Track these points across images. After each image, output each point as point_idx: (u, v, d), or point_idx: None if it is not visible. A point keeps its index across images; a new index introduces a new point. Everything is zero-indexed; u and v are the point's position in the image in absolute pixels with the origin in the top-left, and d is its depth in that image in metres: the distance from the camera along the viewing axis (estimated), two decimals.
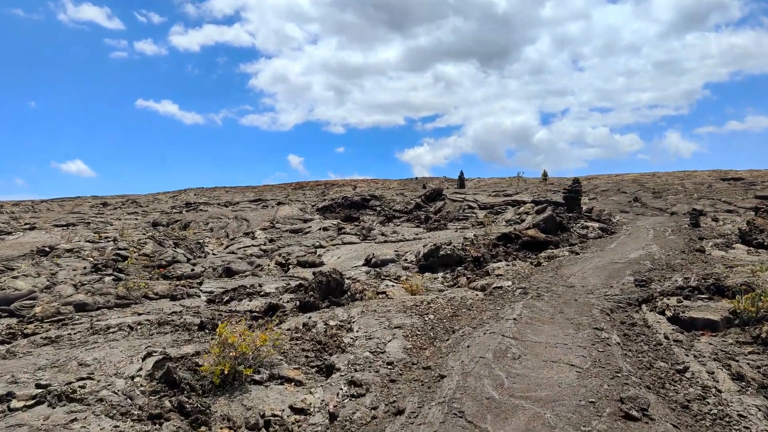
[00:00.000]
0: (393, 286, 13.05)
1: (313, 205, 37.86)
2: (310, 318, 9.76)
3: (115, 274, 14.08)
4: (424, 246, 16.55)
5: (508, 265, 14.90)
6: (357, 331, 8.45)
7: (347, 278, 14.66)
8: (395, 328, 8.36)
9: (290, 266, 16.64)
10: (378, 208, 34.15)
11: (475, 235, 19.82)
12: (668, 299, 9.38)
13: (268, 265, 16.95)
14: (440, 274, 15.39)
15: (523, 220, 26.93)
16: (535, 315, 8.49)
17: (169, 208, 49.07)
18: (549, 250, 16.84)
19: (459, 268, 15.58)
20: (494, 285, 11.39)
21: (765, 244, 14.81)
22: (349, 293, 12.79)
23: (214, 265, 17.04)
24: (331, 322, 9.30)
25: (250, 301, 12.56)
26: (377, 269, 15.66)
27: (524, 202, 29.11)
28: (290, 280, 14.51)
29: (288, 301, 12.52)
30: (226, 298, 12.53)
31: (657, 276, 11.71)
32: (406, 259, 16.58)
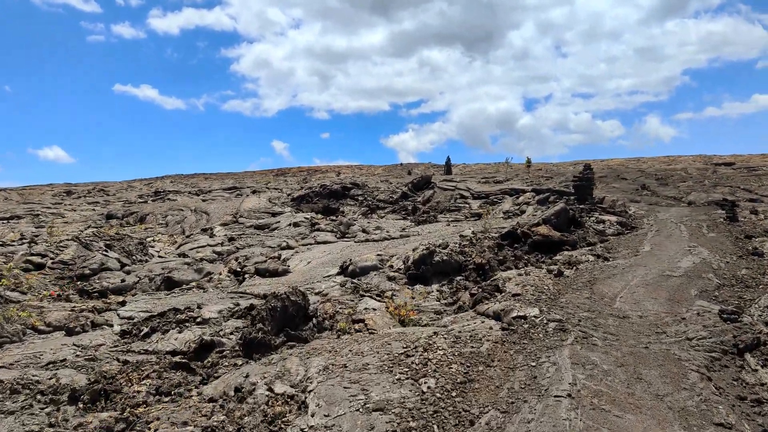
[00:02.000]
0: (374, 310, 9.80)
1: (289, 194, 34.40)
2: (247, 377, 6.47)
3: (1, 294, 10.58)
4: (414, 250, 13.31)
5: (521, 275, 11.75)
6: (313, 415, 5.20)
7: (316, 293, 11.40)
8: (375, 411, 5.13)
9: (246, 275, 13.29)
10: (360, 198, 30.83)
11: (473, 233, 16.65)
12: None
13: (220, 274, 13.58)
14: (435, 287, 12.19)
15: (523, 211, 23.86)
16: (598, 384, 5.32)
17: (136, 197, 45.21)
18: (565, 252, 13.75)
19: (458, 277, 12.39)
20: (514, 313, 8.19)
21: None
22: (315, 320, 9.53)
23: (152, 274, 13.62)
24: (278, 388, 6.04)
25: (180, 332, 9.24)
26: (355, 280, 12.39)
27: (522, 191, 26.02)
28: (240, 297, 11.18)
29: (231, 333, 9.25)
30: (146, 330, 9.17)
31: (729, 295, 8.66)
32: (391, 266, 13.33)
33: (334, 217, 22.89)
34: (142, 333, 9.10)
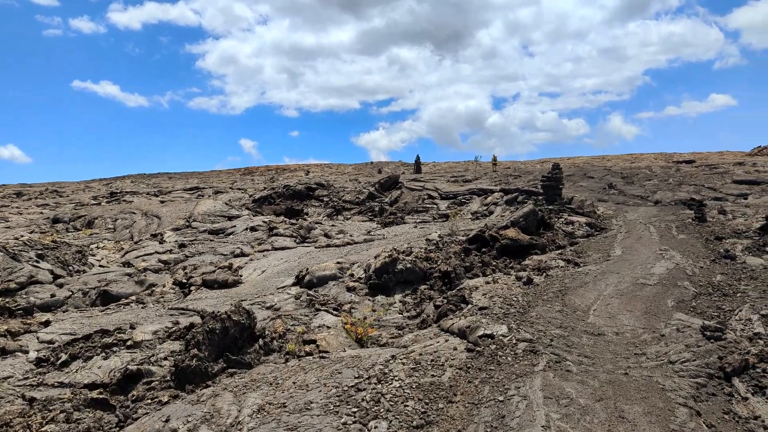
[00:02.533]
0: (328, 328, 8.89)
1: (251, 195, 33.09)
2: (167, 422, 5.48)
3: None
4: (376, 257, 12.44)
5: (488, 283, 11.03)
6: None
7: (267, 307, 10.43)
8: None
9: (192, 287, 12.18)
10: (325, 199, 29.82)
11: (440, 236, 15.90)
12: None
13: (164, 286, 12.43)
14: (398, 297, 11.36)
15: (491, 212, 23.33)
16: (575, 427, 4.55)
17: (89, 199, 43.08)
18: (535, 256, 13.14)
19: (423, 286, 11.60)
20: (480, 331, 7.42)
21: None
22: (261, 341, 8.56)
23: (87, 287, 12.37)
24: None
25: (105, 359, 8.16)
26: (312, 291, 11.45)
27: (491, 191, 25.49)
28: (182, 314, 10.12)
29: (166, 358, 8.21)
30: (64, 357, 8.04)
31: (708, 305, 8.10)
32: (352, 275, 12.43)
33: (295, 221, 21.83)
34: (60, 361, 7.96)
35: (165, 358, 8.18)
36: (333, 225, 23.12)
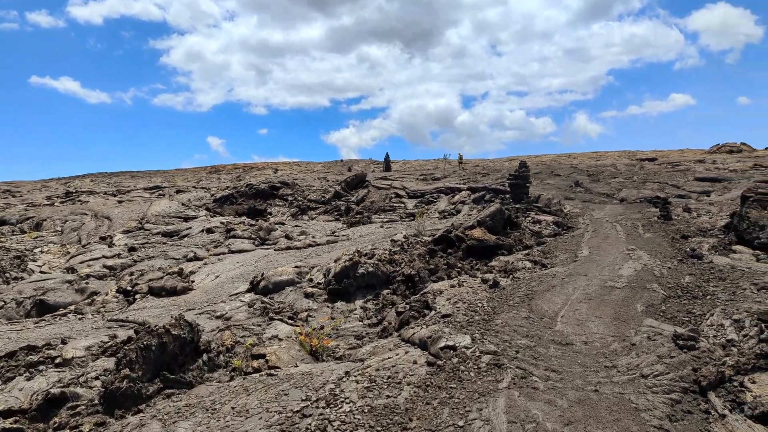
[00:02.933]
0: (280, 341, 8.23)
1: (212, 195, 31.96)
2: None
3: None
4: (336, 261, 11.81)
5: (453, 287, 10.56)
6: None
7: (217, 316, 9.70)
8: None
9: (138, 295, 11.31)
10: (290, 198, 28.99)
11: (405, 237, 15.37)
12: (749, 377, 5.36)
13: (106, 294, 11.52)
14: (359, 303, 10.77)
15: (458, 211, 22.96)
16: None
17: (43, 199, 41.01)
18: (501, 257, 12.76)
19: (385, 291, 11.04)
20: (442, 342, 6.89)
21: None
22: (206, 356, 7.86)
23: (22, 296, 11.36)
24: None
25: (29, 379, 7.33)
26: (267, 298, 10.75)
27: (458, 189, 25.14)
28: (121, 327, 9.29)
29: (97, 378, 7.44)
30: None
31: (678, 309, 7.78)
32: (311, 280, 11.77)
33: (255, 221, 20.95)
34: None
35: (96, 378, 7.40)
36: (297, 225, 22.36)
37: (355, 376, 6.19)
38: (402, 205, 24.96)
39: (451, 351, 6.70)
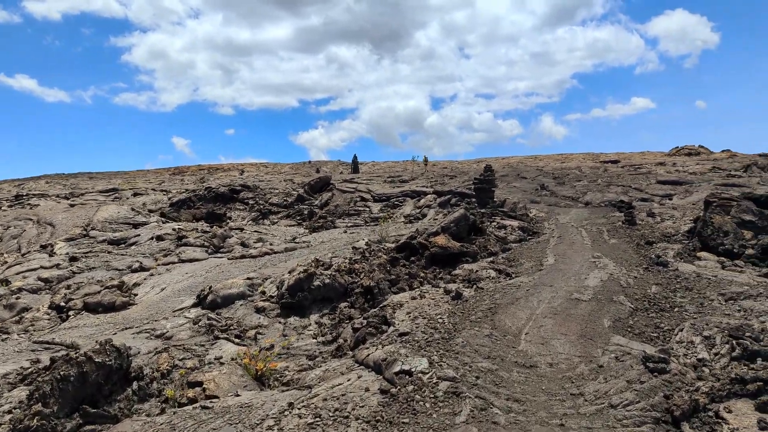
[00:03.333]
0: (221, 365, 7.48)
1: (170, 198, 30.68)
2: None
3: None
4: (291, 272, 11.09)
5: (415, 299, 10.00)
6: None
7: (157, 335, 8.87)
8: None
9: (72, 311, 10.34)
10: (251, 202, 28.01)
11: (368, 244, 14.75)
12: (724, 405, 4.94)
13: (38, 311, 10.51)
14: (314, 317, 10.09)
15: (424, 215, 22.50)
16: None
17: None
18: (465, 265, 12.29)
19: (343, 304, 10.40)
20: (398, 366, 6.30)
21: (736, 251, 11.36)
22: (137, 384, 7.05)
23: None
24: None
25: None
26: (214, 314, 9.96)
27: (424, 193, 24.69)
28: (47, 349, 8.36)
29: (10, 412, 6.56)
30: None
31: (645, 324, 7.41)
32: (263, 292, 11.03)
33: (210, 227, 19.97)
34: None
35: (9, 412, 6.51)
36: (256, 231, 21.48)
37: (299, 409, 5.54)
38: (367, 209, 24.35)
39: (407, 376, 6.11)
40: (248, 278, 11.43)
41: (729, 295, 8.45)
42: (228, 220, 26.48)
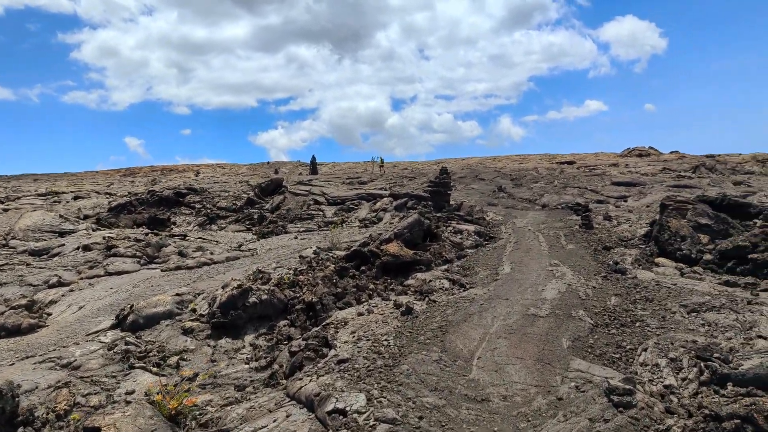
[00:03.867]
0: (127, 404, 6.40)
1: (110, 202, 28.80)
2: None
3: None
4: (224, 287, 10.03)
5: (361, 314, 9.17)
6: None
7: (63, 365, 7.71)
8: None
9: None
10: (198, 206, 26.53)
11: (316, 252, 13.80)
12: None
13: None
14: (249, 339, 9.09)
15: (380, 219, 21.70)
16: None
17: None
18: (419, 274, 11.56)
19: (282, 322, 9.43)
20: (331, 405, 5.44)
21: (693, 256, 11.04)
22: (23, 430, 5.91)
23: None
24: None
25: None
26: (134, 337, 8.80)
27: (380, 196, 23.89)
28: None
29: None
30: None
31: (606, 343, 6.80)
32: (194, 310, 9.93)
33: (144, 236, 18.53)
34: None
35: None
36: (200, 237, 20.18)
37: None
38: (321, 212, 23.35)
39: (341, 417, 5.26)
40: (178, 294, 10.30)
41: (691, 306, 7.99)
42: (172, 226, 24.96)
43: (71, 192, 42.61)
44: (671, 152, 57.50)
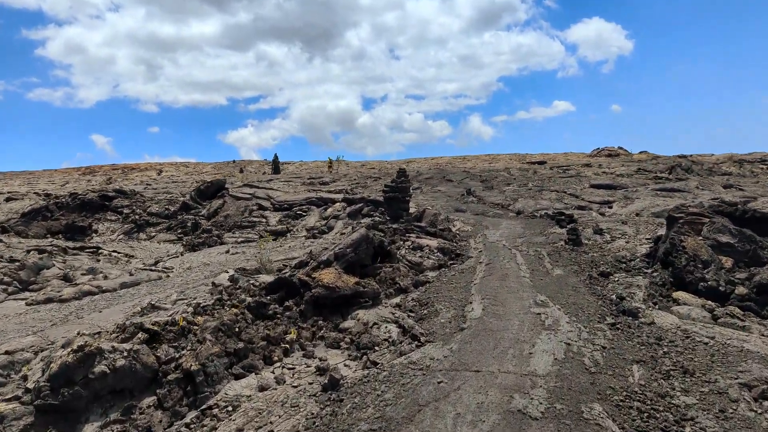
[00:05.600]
0: None
1: (24, 208, 24.92)
2: None
3: None
4: (64, 347, 6.86)
5: (264, 389, 6.26)
6: None
7: None
8: None
9: None
10: (126, 211, 22.97)
11: (233, 279, 10.66)
12: None
13: None
14: (93, 428, 5.96)
15: (330, 228, 18.68)
16: None
17: None
18: (361, 312, 8.67)
19: (147, 400, 6.33)
20: None
21: (723, 289, 8.41)
22: None
23: None
24: None
25: None
26: None
27: (332, 201, 20.82)
28: None
29: None
30: None
31: None
32: (26, 377, 6.74)
33: (50, 250, 15.04)
34: None
35: None
36: (115, 251, 16.81)
37: None
38: (264, 220, 20.15)
39: None
40: (6, 353, 7.07)
41: (753, 383, 5.28)
42: (93, 234, 21.40)
43: (7, 193, 38.26)
44: (640, 152, 56.34)
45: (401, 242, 13.11)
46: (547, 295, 8.51)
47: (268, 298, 9.34)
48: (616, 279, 9.65)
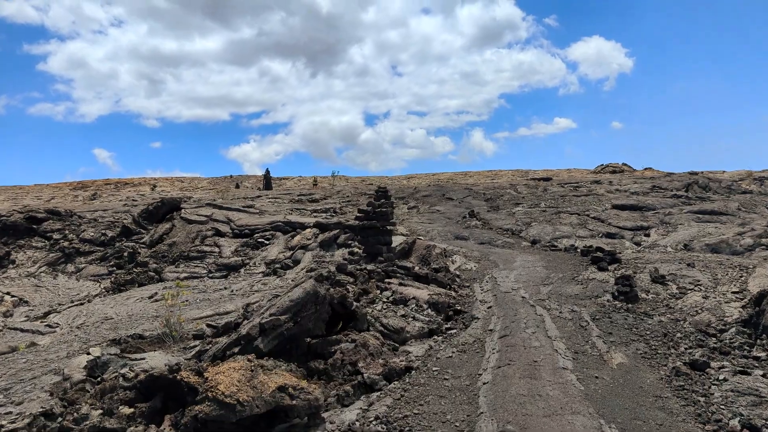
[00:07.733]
0: None
1: None
2: None
3: None
4: None
5: None
6: None
7: None
8: None
9: None
10: (57, 236, 19.09)
11: (93, 371, 6.74)
12: None
13: None
14: None
15: (297, 261, 14.80)
16: None
17: None
18: None
19: None
20: None
21: None
22: None
23: None
24: None
25: None
26: None
27: (303, 226, 16.90)
28: None
29: None
30: None
31: None
32: None
33: None
34: None
35: None
36: (8, 292, 12.98)
37: None
38: (217, 249, 16.26)
39: None
40: None
41: None
42: (9, 265, 17.52)
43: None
44: (645, 168, 53.17)
45: (377, 291, 9.21)
46: (610, 409, 4.59)
47: (132, 409, 5.49)
48: (720, 377, 5.75)
